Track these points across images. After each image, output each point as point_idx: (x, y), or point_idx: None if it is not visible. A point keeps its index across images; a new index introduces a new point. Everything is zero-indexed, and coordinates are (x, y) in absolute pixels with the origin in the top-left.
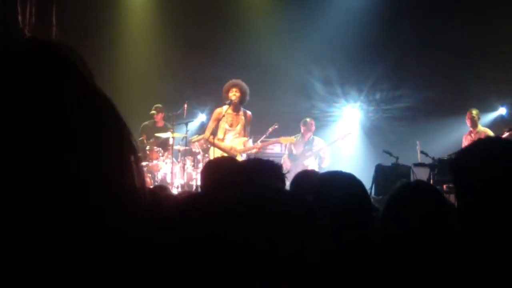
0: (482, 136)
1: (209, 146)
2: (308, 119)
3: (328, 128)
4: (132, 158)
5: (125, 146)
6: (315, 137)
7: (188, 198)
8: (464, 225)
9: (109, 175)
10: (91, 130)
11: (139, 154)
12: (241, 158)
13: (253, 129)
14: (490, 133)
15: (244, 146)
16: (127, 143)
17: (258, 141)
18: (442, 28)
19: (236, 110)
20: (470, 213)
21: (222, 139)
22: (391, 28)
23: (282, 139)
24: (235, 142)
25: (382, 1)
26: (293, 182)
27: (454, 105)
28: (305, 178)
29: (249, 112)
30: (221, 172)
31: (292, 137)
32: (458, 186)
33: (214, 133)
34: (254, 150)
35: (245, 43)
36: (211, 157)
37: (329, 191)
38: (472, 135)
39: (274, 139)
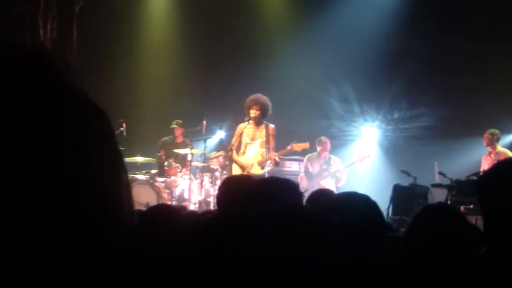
0: (502, 157)
1: (227, 162)
2: (322, 138)
3: (346, 147)
4: (122, 174)
5: (116, 162)
6: (332, 156)
7: (210, 216)
8: (489, 245)
9: (98, 191)
10: (80, 143)
11: (127, 171)
12: (259, 170)
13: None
14: (510, 154)
15: (262, 157)
16: (118, 159)
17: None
18: (459, 46)
19: (257, 124)
20: (495, 234)
21: (243, 153)
22: (407, 45)
23: (296, 145)
24: (254, 154)
25: (398, 18)
26: (308, 201)
27: (472, 125)
28: (320, 197)
29: (271, 125)
30: (238, 190)
31: (306, 143)
32: (484, 207)
33: (236, 148)
34: (269, 162)
35: (262, 61)
36: (233, 172)
37: (344, 212)
38: (492, 155)
39: (288, 147)
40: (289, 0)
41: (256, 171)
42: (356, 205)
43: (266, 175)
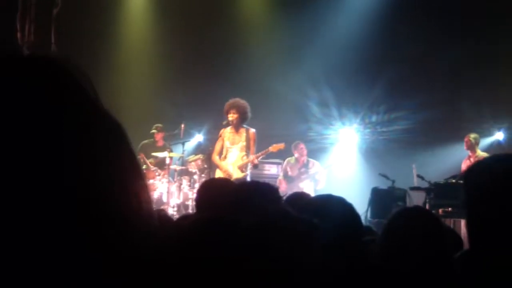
0: None
1: (205, 166)
2: (297, 143)
3: (325, 150)
4: (141, 182)
5: (134, 171)
6: (310, 160)
7: (191, 220)
8: (473, 243)
9: (117, 199)
10: (98, 153)
11: (146, 179)
12: (240, 173)
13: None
14: None
15: (242, 161)
16: (136, 167)
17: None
18: (439, 51)
19: (237, 128)
20: (482, 228)
21: (225, 157)
22: (387, 50)
23: (272, 147)
24: (234, 159)
25: (378, 23)
26: (287, 204)
27: (451, 128)
28: (297, 200)
29: (252, 130)
30: (218, 193)
31: (282, 144)
32: (470, 201)
33: (218, 152)
34: (250, 165)
35: (242, 64)
36: (216, 176)
37: (319, 214)
38: (471, 159)
39: (264, 150)
40: (269, 4)
41: (237, 174)
42: (331, 207)
43: (248, 178)
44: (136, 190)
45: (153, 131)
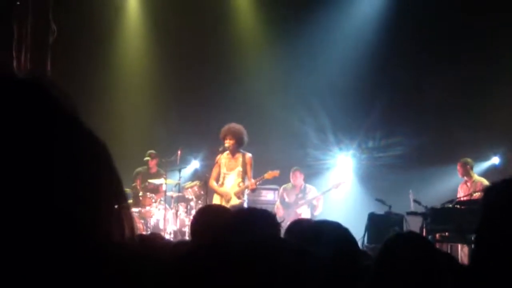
0: (479, 185)
1: (202, 192)
2: (294, 170)
3: (321, 176)
4: (122, 206)
5: (115, 194)
6: (307, 185)
7: (189, 246)
8: (479, 262)
9: (95, 224)
10: (79, 174)
11: (129, 202)
12: (237, 200)
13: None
14: (486, 182)
15: (239, 187)
16: (118, 191)
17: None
18: (432, 77)
19: (233, 153)
20: (492, 247)
21: (222, 184)
22: (382, 75)
23: (268, 174)
24: (231, 184)
25: (373, 49)
26: (287, 231)
27: (446, 153)
28: (298, 227)
29: (248, 155)
30: (214, 219)
31: (276, 171)
32: (485, 219)
33: (215, 178)
34: (247, 191)
35: (237, 90)
36: (214, 202)
37: (317, 240)
38: (468, 184)
39: (259, 177)
40: (266, 30)
41: (234, 201)
42: (327, 232)
43: (245, 204)
44: (111, 209)
45: (147, 158)
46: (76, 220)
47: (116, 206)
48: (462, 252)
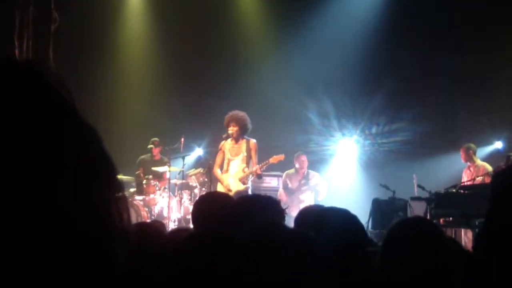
0: (481, 170)
1: (206, 179)
2: (299, 154)
3: (325, 161)
4: (117, 195)
5: (109, 182)
6: (310, 171)
7: (195, 235)
8: (486, 247)
9: (91, 213)
10: (73, 163)
11: (124, 191)
12: (242, 186)
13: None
14: (489, 167)
15: (243, 172)
16: (112, 179)
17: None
18: (438, 61)
19: (237, 140)
20: (500, 232)
21: (226, 170)
22: (386, 61)
23: (272, 158)
24: (236, 170)
25: (377, 35)
26: (297, 218)
27: (450, 139)
28: (307, 213)
29: (253, 140)
30: (214, 207)
31: (281, 155)
32: (494, 204)
33: (219, 165)
34: (251, 176)
35: (240, 77)
36: (217, 189)
37: (327, 227)
38: (471, 169)
39: (264, 162)
40: (268, 16)
41: (238, 187)
42: (336, 219)
43: (249, 190)
44: (106, 197)
45: (150, 146)
46: (73, 213)
47: (111, 196)
48: (466, 237)
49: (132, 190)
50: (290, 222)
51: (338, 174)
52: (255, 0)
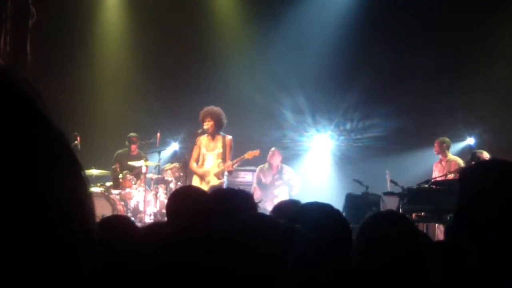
0: (453, 164)
1: (181, 174)
2: (273, 149)
3: (299, 157)
4: (84, 192)
5: (78, 180)
6: (284, 166)
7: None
8: (457, 238)
9: (61, 211)
10: (43, 165)
11: (90, 189)
12: (217, 180)
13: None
14: (460, 161)
15: (218, 168)
16: (80, 177)
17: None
18: (411, 58)
19: (213, 135)
20: (469, 226)
21: (202, 164)
22: (360, 57)
23: (248, 154)
24: (211, 165)
25: (352, 30)
26: (273, 212)
27: (423, 135)
28: (284, 207)
29: (229, 137)
30: (189, 202)
31: (256, 150)
32: (462, 199)
33: (196, 159)
34: (226, 172)
35: (216, 73)
36: (193, 183)
37: (309, 220)
38: (443, 163)
39: (240, 157)
40: (242, 12)
41: (214, 181)
42: (320, 213)
43: (225, 185)
44: (79, 198)
45: (127, 141)
46: (47, 210)
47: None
48: (438, 230)
49: (108, 184)
50: None
51: (312, 169)
52: None
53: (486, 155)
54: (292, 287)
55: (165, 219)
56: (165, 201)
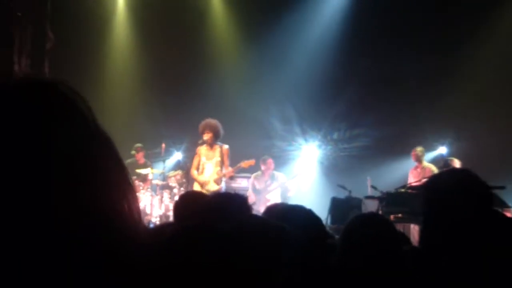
0: (427, 171)
1: (184, 180)
2: (266, 157)
3: (287, 165)
4: (131, 197)
5: (125, 186)
6: (275, 172)
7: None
8: (426, 243)
9: (111, 215)
10: (91, 171)
11: (137, 193)
12: (216, 186)
13: None
14: (434, 168)
15: (217, 175)
16: (127, 183)
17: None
18: (390, 71)
19: (211, 145)
20: (435, 231)
21: (202, 172)
22: (347, 69)
23: (244, 163)
24: (210, 173)
25: (338, 42)
26: (264, 214)
27: (400, 144)
28: (273, 210)
29: (225, 146)
30: (195, 203)
31: (252, 160)
32: (427, 207)
33: (196, 167)
34: (224, 179)
35: (215, 86)
36: (195, 189)
37: (292, 219)
38: (418, 169)
39: (236, 166)
40: (234, 24)
41: (213, 187)
42: (302, 215)
43: (223, 190)
44: (127, 199)
45: (133, 152)
46: (94, 207)
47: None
48: (414, 230)
49: None
50: None
51: (300, 175)
52: (225, 12)
53: (456, 162)
54: (286, 283)
55: (170, 220)
56: (170, 204)
